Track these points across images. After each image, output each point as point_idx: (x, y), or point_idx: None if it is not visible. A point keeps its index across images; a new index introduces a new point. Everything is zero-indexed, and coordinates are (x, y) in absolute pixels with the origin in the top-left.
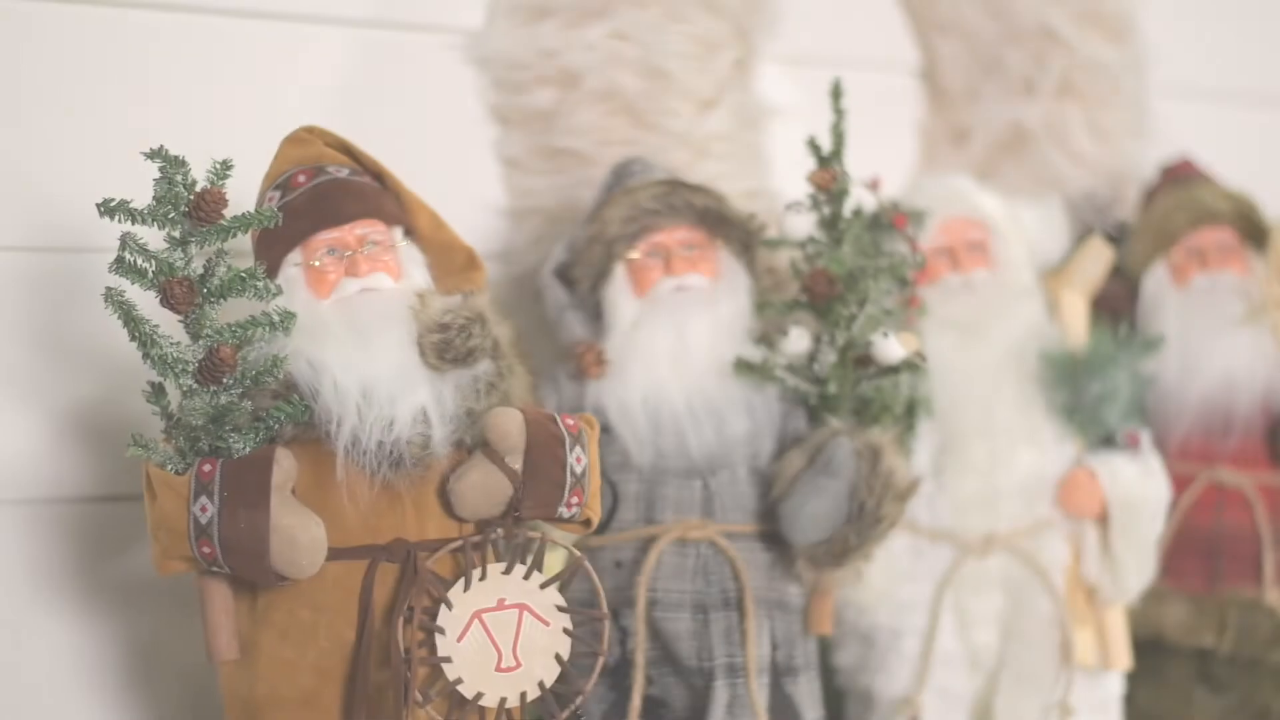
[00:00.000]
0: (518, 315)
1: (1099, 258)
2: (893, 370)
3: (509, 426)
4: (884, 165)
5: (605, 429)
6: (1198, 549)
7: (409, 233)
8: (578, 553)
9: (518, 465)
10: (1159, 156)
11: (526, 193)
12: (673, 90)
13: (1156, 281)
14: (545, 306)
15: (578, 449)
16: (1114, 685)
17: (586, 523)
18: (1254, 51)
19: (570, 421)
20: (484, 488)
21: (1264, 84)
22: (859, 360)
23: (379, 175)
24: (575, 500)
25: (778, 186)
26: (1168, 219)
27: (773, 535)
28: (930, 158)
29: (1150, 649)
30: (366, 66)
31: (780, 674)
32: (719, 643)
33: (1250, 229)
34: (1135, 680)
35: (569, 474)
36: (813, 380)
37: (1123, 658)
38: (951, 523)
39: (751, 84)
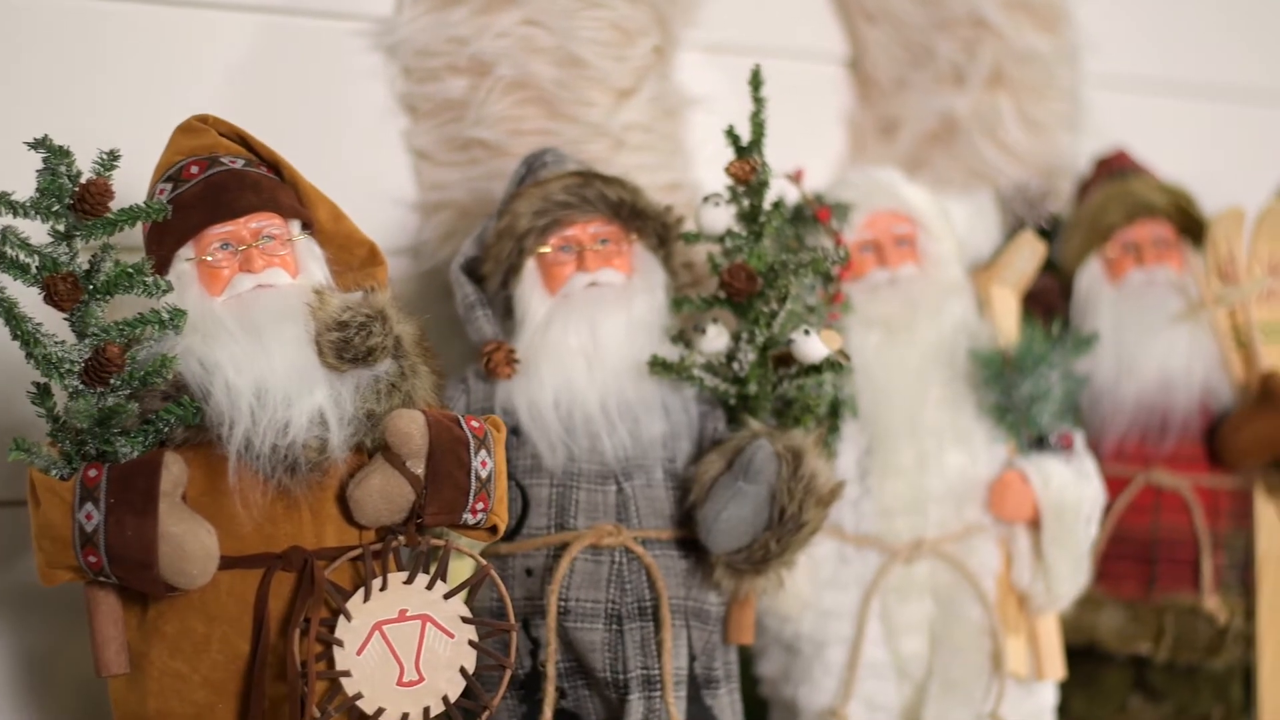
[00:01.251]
0: (429, 313)
1: (1031, 253)
2: (815, 369)
3: (411, 429)
4: (810, 157)
5: (516, 431)
6: (1134, 553)
7: (307, 226)
8: (483, 561)
9: (420, 470)
10: (1093, 149)
11: (437, 186)
12: (588, 79)
13: (1091, 277)
14: (455, 303)
15: (483, 452)
16: (1047, 695)
17: (493, 529)
18: (1190, 41)
19: (475, 424)
20: (385, 493)
21: (1201, 74)
22: (780, 359)
23: (276, 166)
24: (480, 506)
25: (699, 179)
26: (1102, 213)
27: (690, 542)
28: (858, 149)
29: (1084, 657)
30: (269, 54)
31: (699, 686)
32: (634, 654)
33: (1187, 223)
34: (1069, 689)
35: (474, 478)
36: (732, 380)
37: (1055, 667)
38: (878, 528)
39: (671, 73)
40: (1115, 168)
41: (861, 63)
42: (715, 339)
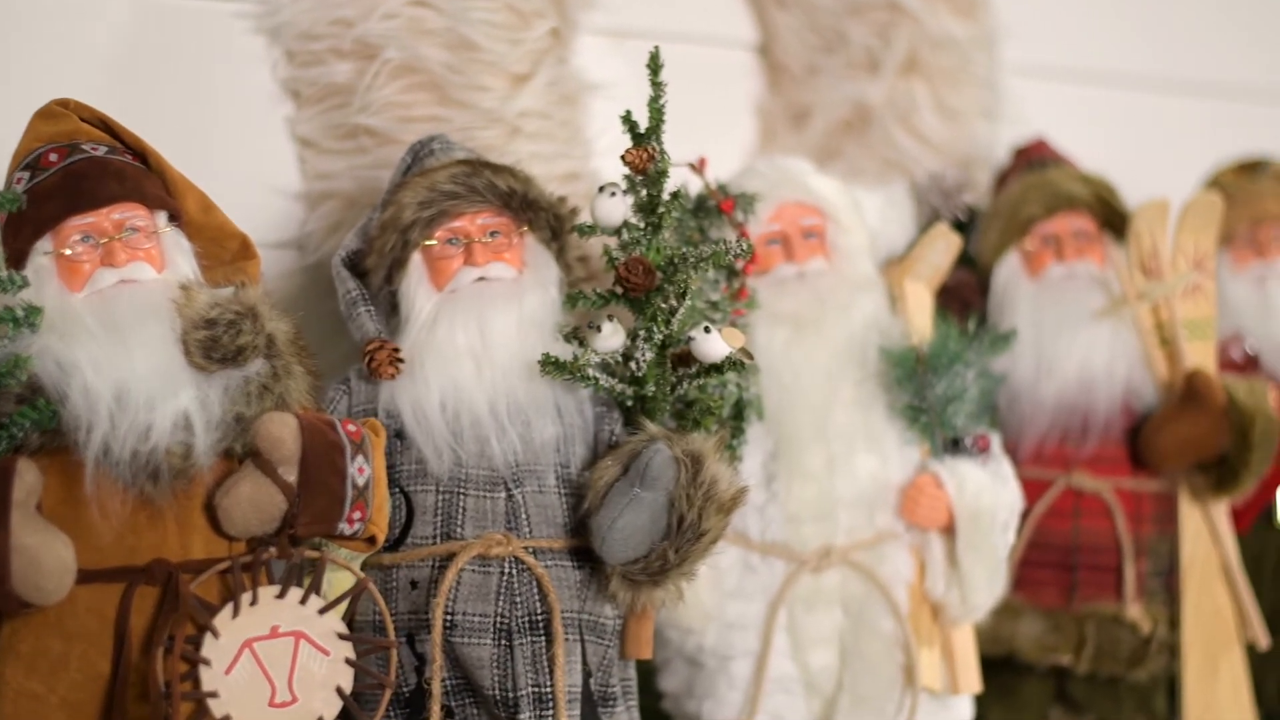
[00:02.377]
0: (314, 309)
1: (946, 246)
2: (716, 369)
3: (282, 433)
4: (718, 147)
5: (400, 435)
6: (1053, 560)
7: (175, 218)
8: (360, 573)
9: (292, 477)
10: (1012, 138)
11: (322, 175)
12: (481, 63)
13: (1008, 272)
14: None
15: (360, 458)
16: (963, 709)
17: (371, 540)
18: (1113, 29)
19: (352, 428)
20: (254, 502)
21: (1124, 63)
22: (679, 358)
23: (142, 154)
24: (357, 515)
25: (599, 169)
26: (1021, 204)
27: (585, 551)
28: (768, 139)
29: (1002, 668)
30: (142, 36)
31: (595, 704)
32: (525, 671)
33: (1109, 215)
34: (986, 702)
35: (350, 486)
36: (629, 380)
37: (972, 680)
38: (784, 535)
39: (570, 57)
40: (1034, 157)
41: (772, 48)
42: (611, 337)
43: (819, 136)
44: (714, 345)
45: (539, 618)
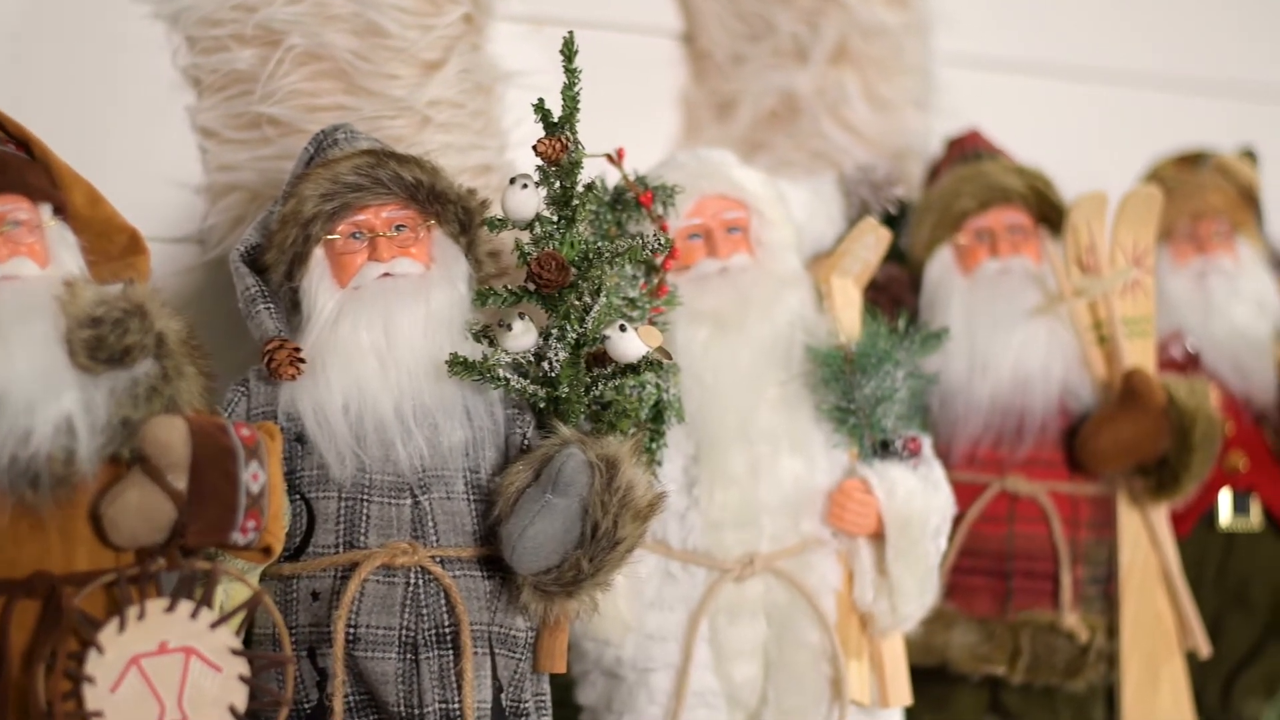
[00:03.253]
0: (217, 308)
1: (875, 240)
2: (632, 369)
3: (171, 438)
4: (641, 138)
5: (300, 438)
6: (987, 567)
7: (60, 211)
8: (255, 585)
9: (182, 484)
10: (945, 129)
11: (225, 167)
12: (391, 50)
13: (941, 267)
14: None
15: (254, 464)
16: None
17: (266, 550)
18: (1050, 18)
19: (246, 432)
20: (142, 510)
21: (1062, 53)
22: (595, 358)
23: (25, 144)
24: (252, 524)
25: (515, 160)
26: (954, 197)
27: (495, 560)
28: (693, 130)
29: (934, 679)
30: (35, 20)
31: (508, 719)
32: (432, 686)
33: (1045, 209)
34: (917, 715)
35: (243, 493)
36: (541, 381)
37: (902, 693)
38: (706, 542)
39: (484, 44)
40: (968, 149)
41: (696, 36)
42: (522, 335)
43: (745, 127)
44: (630, 344)
45: (446, 630)
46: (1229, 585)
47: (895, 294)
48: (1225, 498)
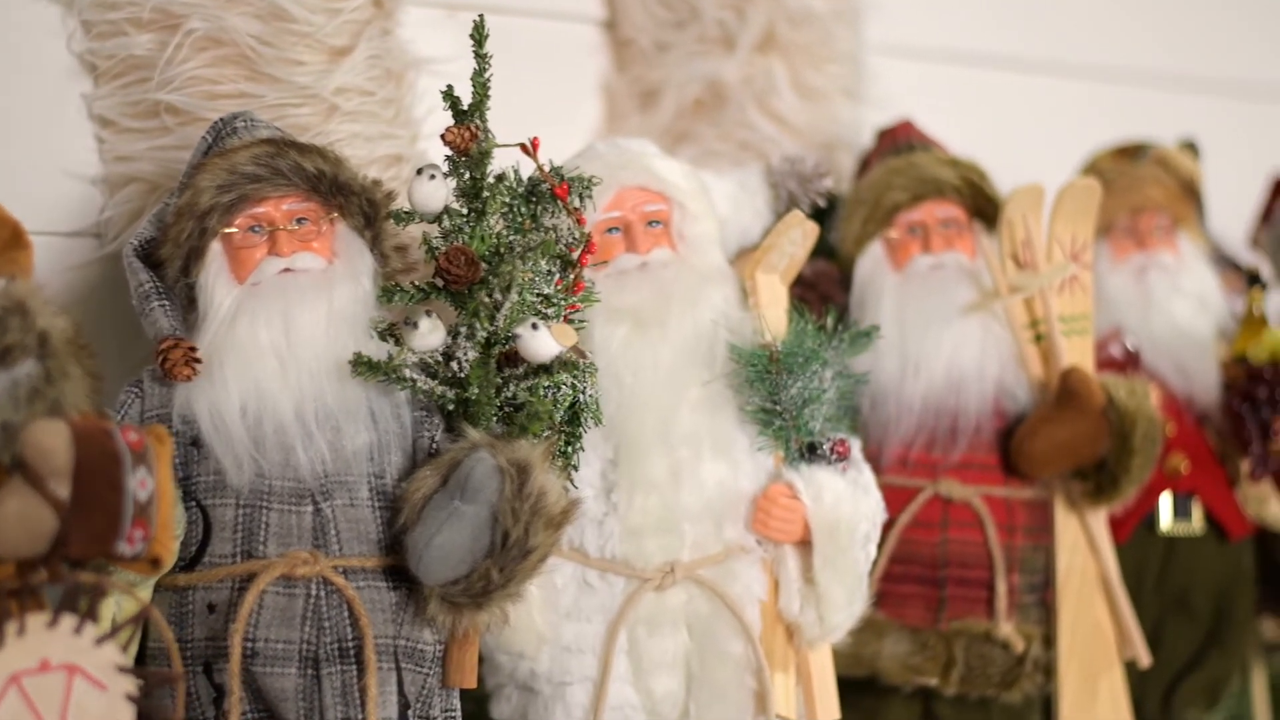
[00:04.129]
0: (115, 305)
1: (801, 235)
2: (545, 369)
3: (53, 443)
4: (562, 129)
5: (196, 442)
6: (919, 575)
7: None
8: (143, 598)
9: (64, 491)
10: (877, 120)
11: (122, 157)
12: (295, 34)
13: (871, 263)
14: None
15: (142, 470)
16: None
17: (155, 562)
18: (984, 6)
19: (133, 436)
20: (21, 520)
21: (996, 42)
22: (506, 357)
23: None
24: (139, 534)
25: (427, 151)
26: (885, 190)
27: (400, 571)
28: (616, 120)
29: (864, 691)
30: None
31: None
32: (334, 703)
33: (979, 202)
34: None
35: (129, 502)
36: (450, 382)
37: (830, 707)
38: (625, 550)
39: (395, 29)
40: (900, 140)
41: (619, 23)
42: (429, 334)
43: (669, 117)
44: (542, 343)
45: (349, 644)
46: (1170, 591)
47: (824, 290)
48: (1166, 501)
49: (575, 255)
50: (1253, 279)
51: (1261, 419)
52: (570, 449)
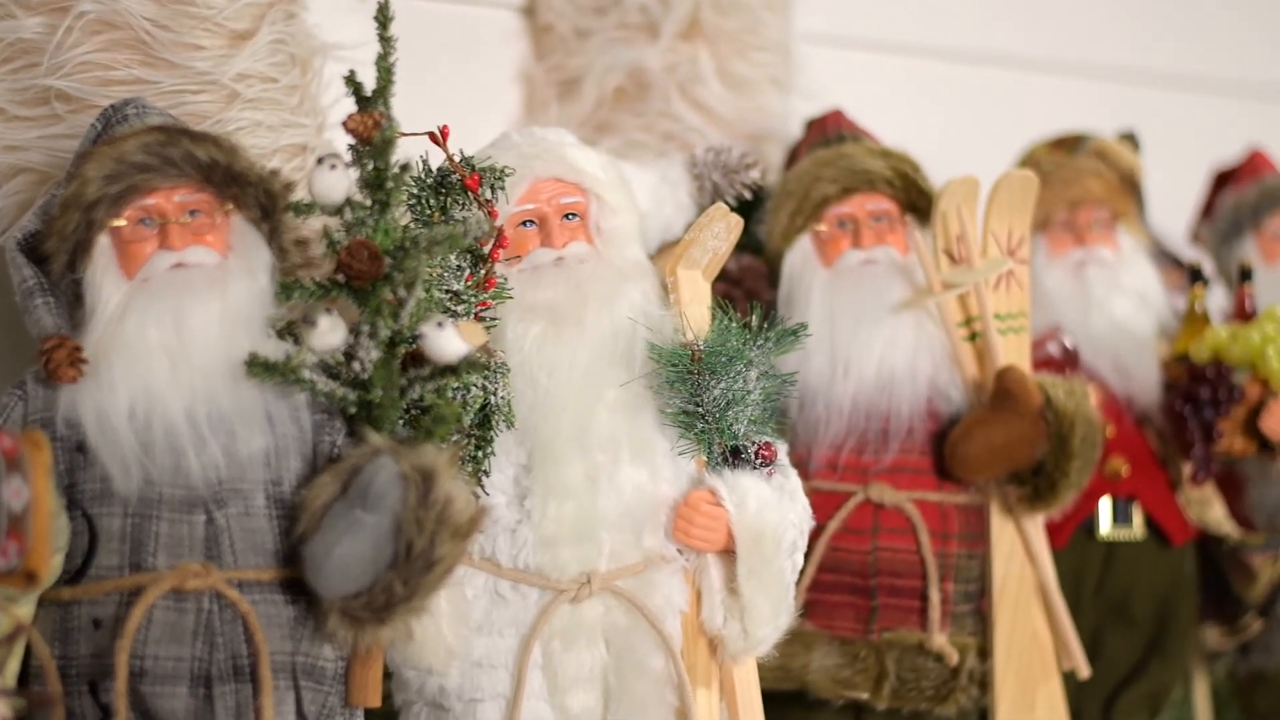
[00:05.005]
0: (4, 303)
1: (726, 228)
2: (452, 370)
3: None
4: (479, 119)
5: (81, 448)
6: (849, 584)
7: None
8: (20, 615)
9: None
10: (807, 111)
11: (10, 146)
12: (194, 18)
13: (799, 258)
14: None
15: (16, 479)
16: None
17: (30, 576)
18: None
19: (7, 443)
20: None
21: (930, 31)
22: (411, 357)
23: None
24: (13, 546)
25: (335, 140)
26: (814, 183)
27: (299, 583)
28: (534, 109)
29: (792, 705)
30: None
31: None
32: None
33: (912, 195)
34: None
35: (1, 513)
36: (352, 383)
37: None
38: (539, 560)
39: (300, 13)
40: (830, 130)
41: (537, 9)
42: (329, 333)
43: (590, 107)
44: (448, 342)
45: (244, 662)
46: (1109, 599)
47: (749, 287)
48: (1105, 506)
49: (486, 249)
50: (1195, 275)
51: (1204, 420)
52: (481, 453)
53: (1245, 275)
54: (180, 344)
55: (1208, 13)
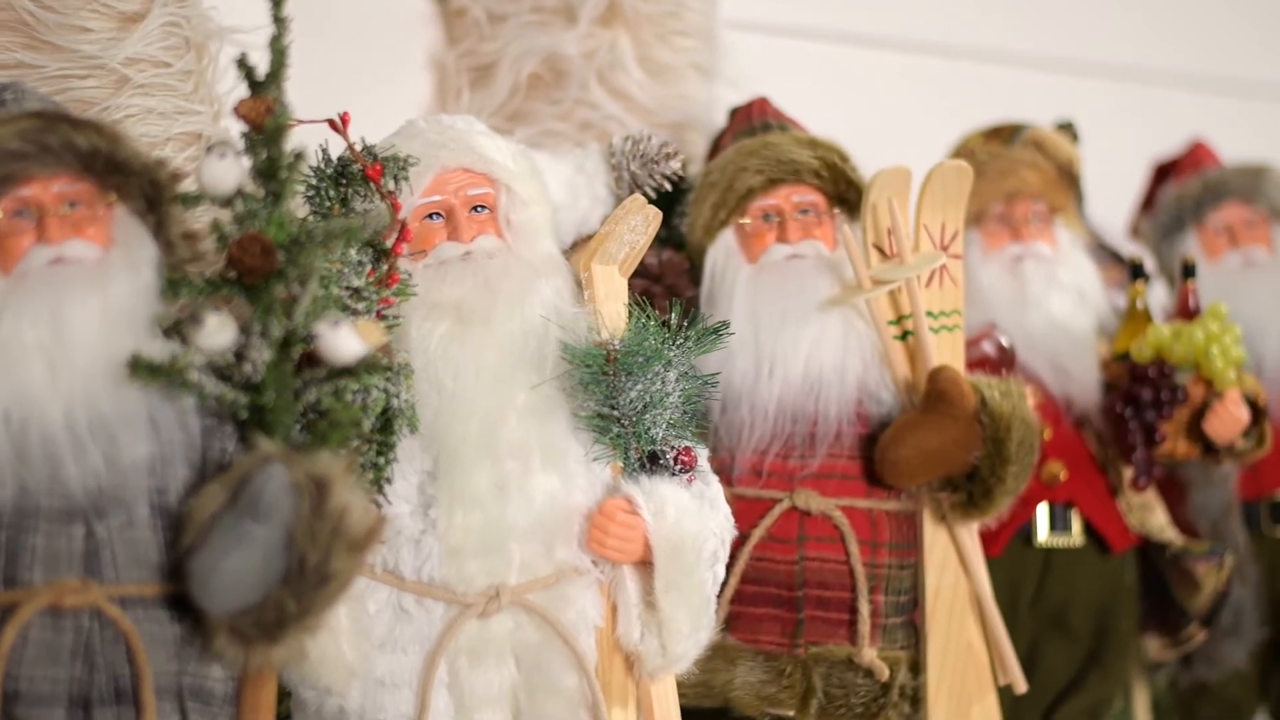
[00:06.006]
0: None
1: (643, 222)
2: (348, 372)
3: None
4: (388, 107)
5: None
6: (774, 596)
7: None
8: None
9: None
10: (732, 99)
11: None
12: None
13: (722, 253)
14: None
15: None
16: None
17: None
18: None
19: None
20: None
21: (859, 19)
22: (307, 358)
23: None
24: None
25: (233, 129)
26: (738, 174)
27: (185, 600)
28: (447, 96)
29: None
30: None
31: None
32: None
33: (841, 187)
34: None
35: None
36: (244, 386)
37: None
38: (445, 573)
39: None
40: (755, 119)
41: None
42: (218, 332)
43: (504, 94)
44: (343, 342)
45: (126, 683)
46: (1047, 609)
47: (670, 283)
48: (1043, 512)
49: (389, 244)
50: (1135, 271)
51: (1145, 422)
52: (383, 460)
53: (1188, 271)
54: (58, 344)
55: (1148, 2)
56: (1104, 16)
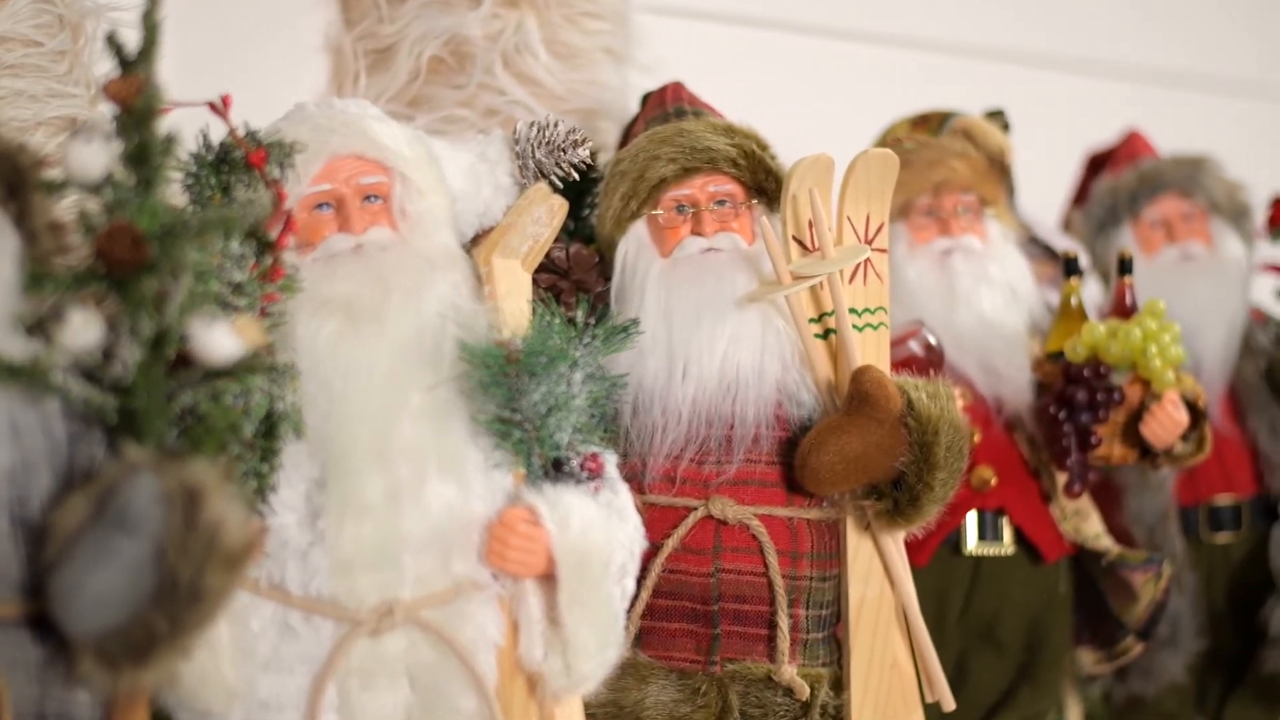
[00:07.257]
0: None
1: (548, 213)
2: (225, 373)
3: None
4: (281, 92)
5: None
6: (688, 610)
7: None
8: None
9: None
10: (646, 85)
11: None
12: None
13: (634, 246)
14: None
15: None
16: None
17: None
18: None
19: None
20: None
21: (785, 1)
22: (183, 358)
23: None
24: None
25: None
26: (650, 162)
27: (48, 620)
28: (344, 81)
29: None
30: None
31: None
32: None
33: (759, 177)
34: None
35: None
36: (112, 388)
37: None
38: (334, 588)
39: None
40: (669, 104)
41: None
42: (83, 330)
43: (404, 79)
44: (218, 342)
45: None
46: (976, 621)
47: (577, 278)
48: (972, 519)
49: (273, 235)
50: (1069, 267)
51: (1080, 425)
52: (267, 467)
53: (1125, 267)
54: None
55: None
56: (1037, 1)
